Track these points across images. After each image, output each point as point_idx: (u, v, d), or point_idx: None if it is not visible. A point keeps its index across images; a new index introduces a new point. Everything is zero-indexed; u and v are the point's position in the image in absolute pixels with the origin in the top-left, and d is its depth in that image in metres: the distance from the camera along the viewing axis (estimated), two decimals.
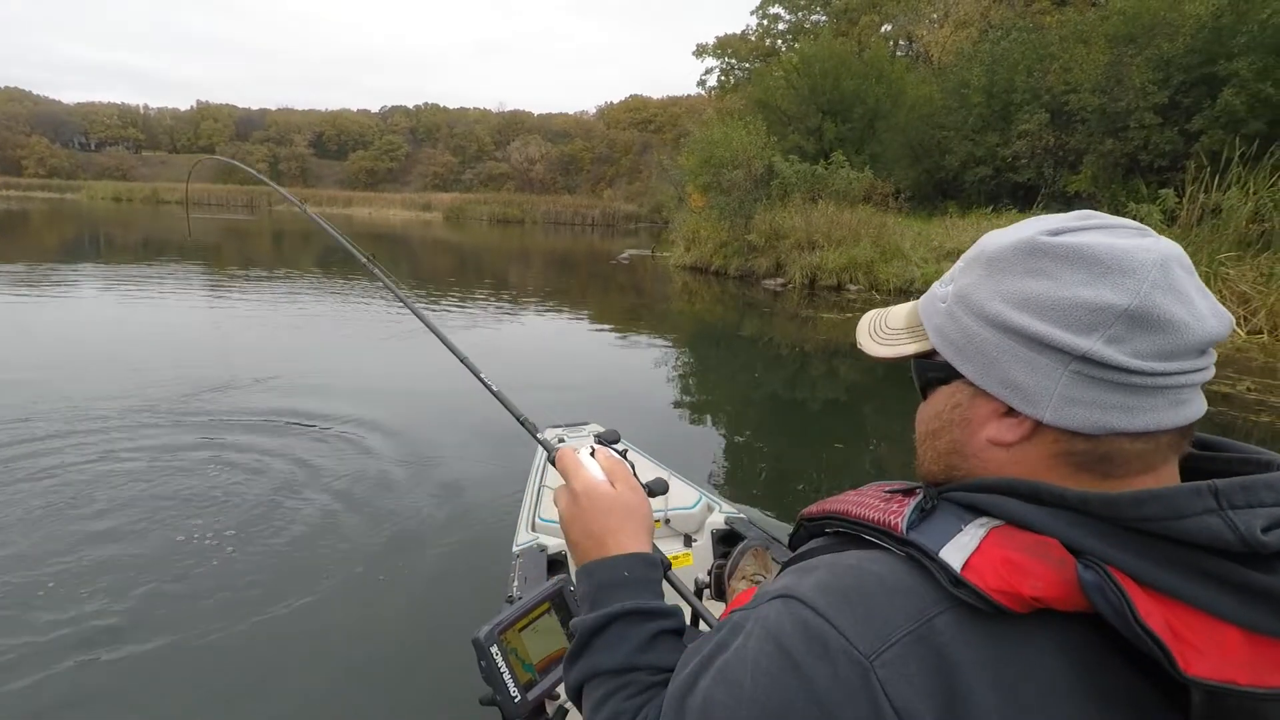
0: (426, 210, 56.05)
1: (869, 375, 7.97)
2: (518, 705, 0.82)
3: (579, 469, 0.87)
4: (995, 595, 0.53)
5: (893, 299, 12.86)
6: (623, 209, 54.68)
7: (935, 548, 0.57)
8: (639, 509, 0.84)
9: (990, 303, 0.60)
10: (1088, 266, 0.55)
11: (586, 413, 4.16)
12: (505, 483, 3.95)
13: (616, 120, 77.68)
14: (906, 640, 0.54)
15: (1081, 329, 0.55)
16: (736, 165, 15.57)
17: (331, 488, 4.01)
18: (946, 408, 0.66)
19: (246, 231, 30.79)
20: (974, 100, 18.96)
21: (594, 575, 0.78)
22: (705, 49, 38.92)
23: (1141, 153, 15.09)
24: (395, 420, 5.13)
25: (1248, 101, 13.26)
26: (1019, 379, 0.58)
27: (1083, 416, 0.56)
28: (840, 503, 0.72)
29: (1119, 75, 15.22)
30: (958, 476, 0.66)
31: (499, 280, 16.72)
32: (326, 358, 7.42)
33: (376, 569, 3.22)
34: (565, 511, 0.84)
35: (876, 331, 0.76)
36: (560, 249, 29.54)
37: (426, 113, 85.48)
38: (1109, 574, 0.51)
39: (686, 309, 13.28)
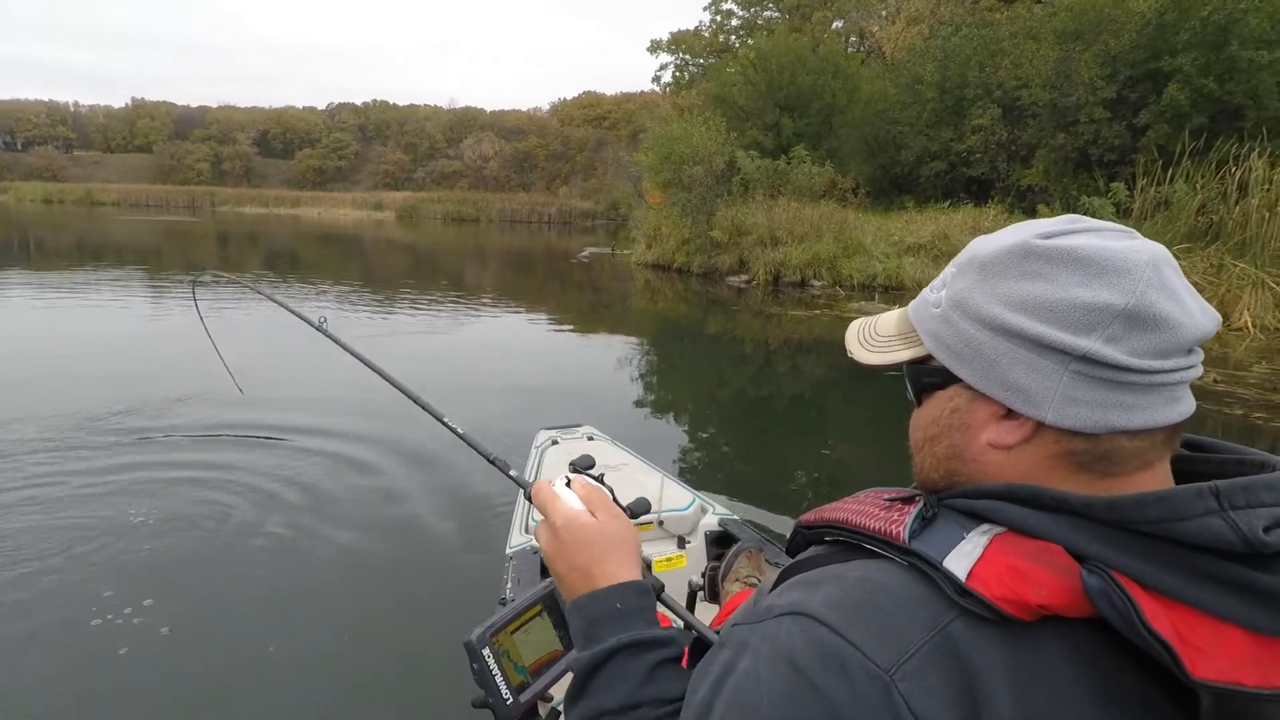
0: (378, 210, 54.78)
1: (835, 371, 7.91)
2: (510, 708, 0.80)
3: (556, 502, 0.84)
4: (1001, 604, 0.53)
5: (856, 294, 12.90)
6: (579, 206, 54.43)
7: (939, 557, 0.57)
8: (623, 536, 0.82)
9: (987, 306, 0.60)
10: (1083, 268, 0.56)
11: (555, 413, 4.22)
12: (499, 485, 3.92)
13: (570, 117, 77.03)
14: (925, 651, 0.53)
15: (1080, 329, 0.55)
16: (697, 161, 15.42)
17: (323, 494, 3.97)
18: (944, 413, 0.65)
19: (189, 233, 29.63)
20: (927, 96, 19.16)
21: (585, 611, 0.76)
22: (659, 45, 38.71)
23: (1091, 147, 15.42)
24: (383, 425, 5.02)
25: (1191, 96, 13.63)
26: (1020, 381, 0.58)
27: (1084, 416, 0.56)
28: (838, 511, 0.71)
29: (1068, 71, 15.51)
30: (959, 482, 0.65)
31: (456, 280, 16.31)
32: (295, 366, 7.03)
33: (369, 572, 3.21)
34: (547, 547, 0.82)
35: (866, 339, 0.76)
36: (517, 247, 29.10)
37: (375, 110, 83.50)
38: (1114, 579, 0.51)
39: (650, 307, 13.10)
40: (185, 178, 68.95)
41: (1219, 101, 13.55)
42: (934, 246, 13.82)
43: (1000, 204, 16.33)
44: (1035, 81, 16.13)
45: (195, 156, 72.34)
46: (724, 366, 8.35)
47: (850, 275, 13.49)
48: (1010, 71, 17.07)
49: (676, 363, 8.87)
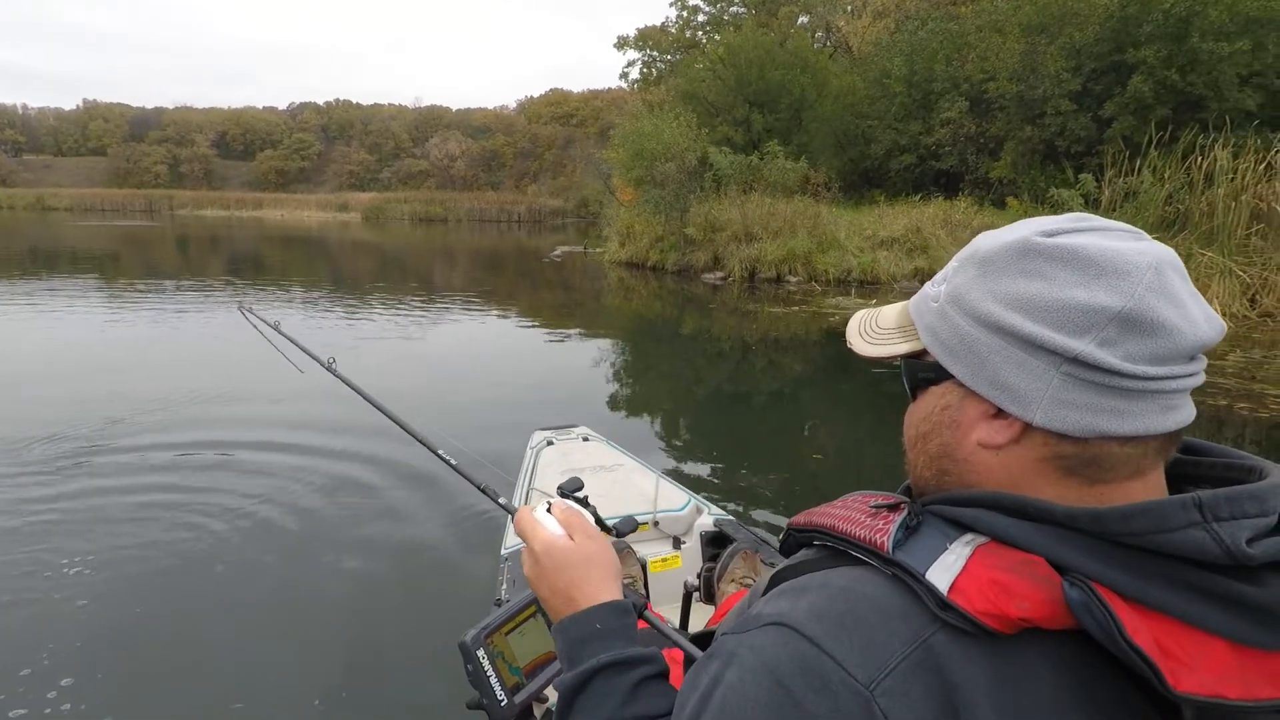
0: (344, 211, 53.78)
1: (821, 368, 7.83)
2: (504, 709, 0.80)
3: (535, 528, 0.85)
4: (982, 618, 0.53)
5: (832, 289, 12.88)
6: (548, 204, 54.05)
7: (921, 568, 0.57)
8: (600, 557, 0.83)
9: (983, 302, 0.59)
10: (1082, 268, 0.55)
11: (538, 415, 4.22)
12: (494, 486, 3.69)
13: (538, 114, 76.45)
14: (905, 666, 0.53)
15: (1074, 330, 0.55)
16: (669, 158, 15.28)
17: (316, 500, 3.94)
18: (936, 409, 0.65)
19: (146, 238, 28.78)
20: (896, 89, 19.26)
21: (567, 632, 0.77)
22: (626, 41, 38.45)
23: (1058, 139, 15.58)
24: (375, 432, 4.83)
25: (1154, 88, 13.83)
26: (1010, 380, 0.58)
27: (1073, 419, 0.56)
28: (826, 516, 0.70)
29: (1034, 63, 15.65)
30: (948, 481, 0.65)
31: (427, 282, 15.98)
32: (276, 373, 6.77)
33: (364, 575, 3.20)
34: (529, 573, 0.83)
35: (867, 331, 0.75)
36: (487, 247, 28.72)
37: (338, 109, 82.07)
38: (1095, 591, 0.51)
39: (626, 306, 12.94)
40: (142, 181, 67.14)
41: (1181, 93, 13.77)
42: (907, 240, 13.85)
43: (970, 196, 16.45)
44: (1002, 74, 16.25)
45: (152, 159, 70.49)
46: (707, 365, 8.22)
47: (825, 270, 13.46)
48: (977, 65, 17.20)
49: (658, 362, 8.73)
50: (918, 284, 13.10)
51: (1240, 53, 13.20)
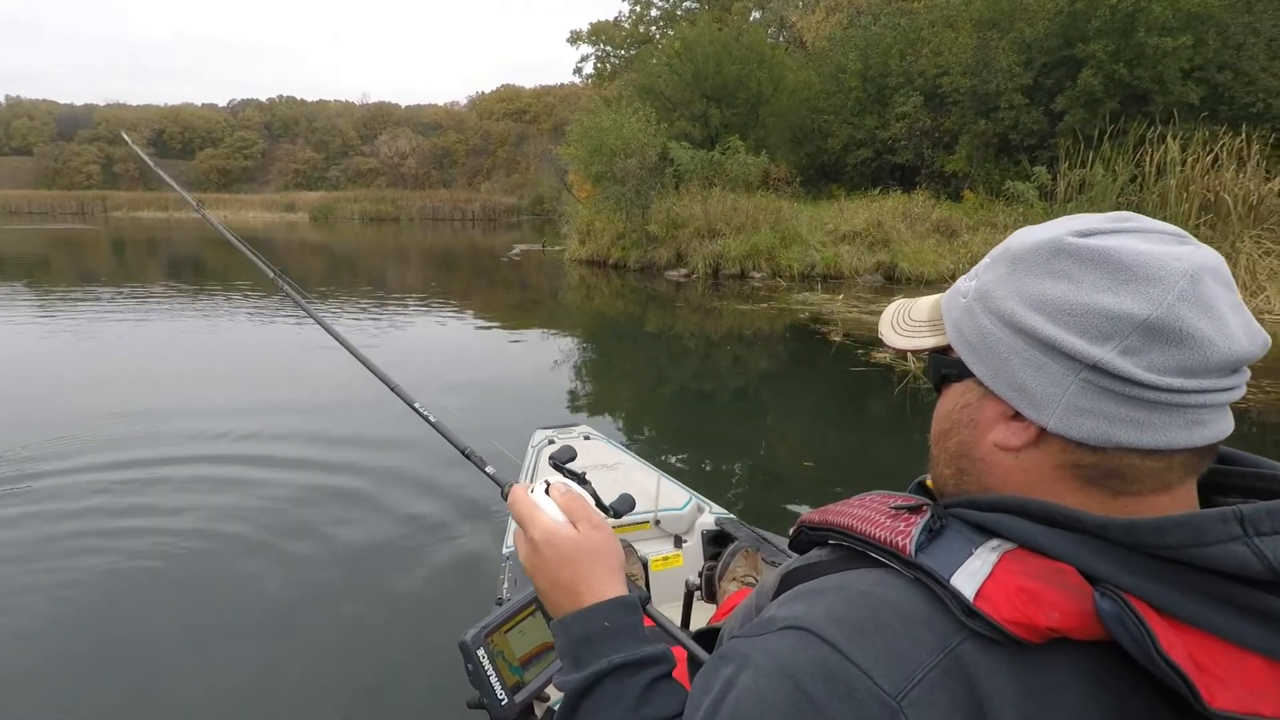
0: (290, 211, 52.16)
1: (789, 363, 7.71)
2: (505, 708, 0.79)
3: (534, 513, 0.79)
4: (1010, 626, 0.51)
5: (797, 285, 12.82)
6: (503, 202, 53.50)
7: (946, 573, 0.55)
8: (606, 548, 0.78)
9: (1007, 301, 0.58)
10: (1111, 272, 0.53)
11: (509, 416, 4.28)
12: (494, 485, 3.58)
13: (490, 111, 75.37)
14: (933, 675, 0.52)
15: (1096, 337, 0.53)
16: (629, 153, 15.05)
17: (316, 499, 3.92)
18: (956, 407, 0.64)
19: (79, 241, 27.41)
20: (851, 84, 19.36)
21: (572, 630, 0.73)
22: (579, 36, 38.13)
23: (1012, 132, 15.81)
24: (375, 429, 4.93)
25: (1104, 82, 14.10)
26: (1027, 382, 0.57)
27: (1088, 427, 0.55)
28: (843, 515, 0.69)
29: (986, 58, 15.85)
30: (967, 482, 0.64)
31: (380, 283, 15.47)
32: (255, 377, 6.81)
33: (364, 573, 3.20)
34: (526, 561, 0.78)
35: (899, 322, 0.74)
36: (442, 246, 28.11)
37: (282, 106, 79.61)
38: (1128, 603, 0.50)
39: (590, 305, 12.68)
40: (73, 181, 64.05)
41: (1129, 86, 14.07)
42: (869, 234, 13.88)
43: (927, 190, 16.61)
44: (955, 69, 16.43)
45: (83, 159, 67.28)
46: (685, 364, 8.04)
47: (789, 265, 13.40)
48: (931, 59, 17.36)
49: (623, 360, 8.50)
50: (880, 277, 13.15)
51: (1183, 47, 13.55)
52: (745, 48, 20.22)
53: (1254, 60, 13.98)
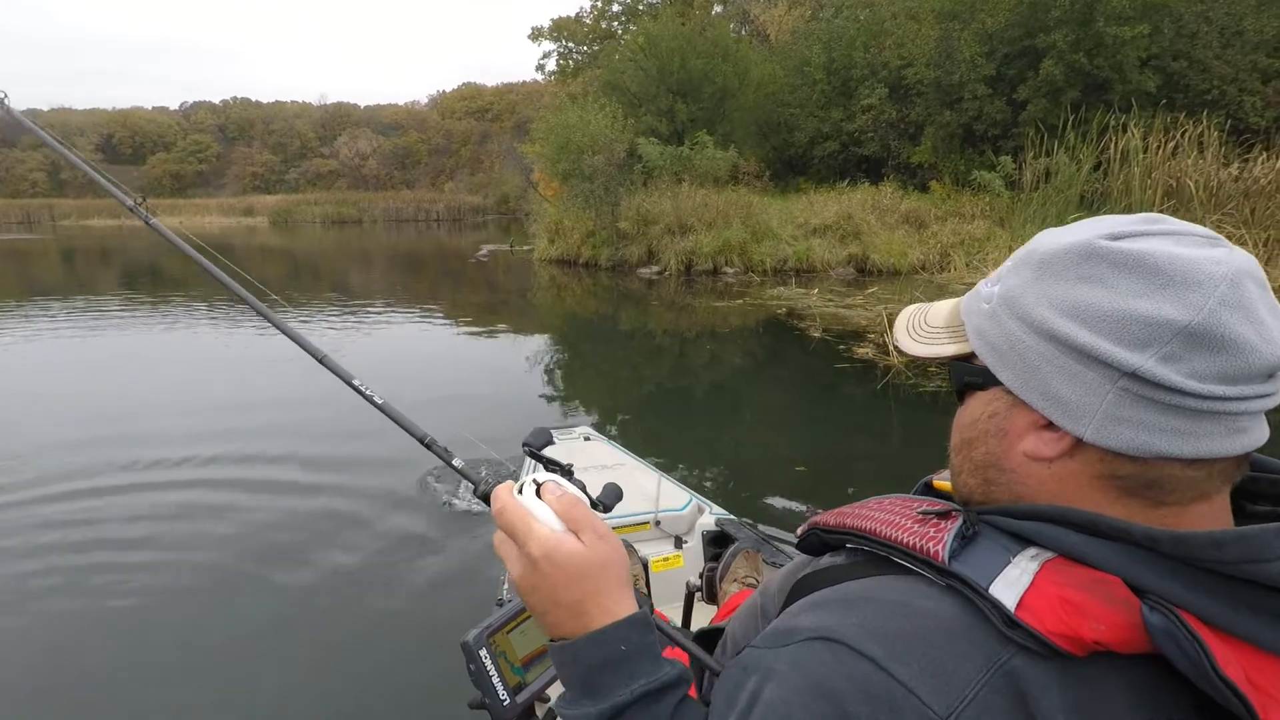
0: (249, 215, 50.95)
1: (758, 360, 7.63)
2: (507, 709, 0.79)
3: (530, 523, 0.66)
4: (1054, 638, 0.50)
5: (770, 280, 12.76)
6: (468, 202, 52.86)
7: (984, 582, 0.53)
8: (615, 561, 0.68)
9: (1037, 308, 0.56)
10: (1148, 276, 0.51)
11: (490, 421, 4.31)
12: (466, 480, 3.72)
13: (451, 110, 74.38)
14: (984, 695, 0.50)
15: (1134, 344, 0.51)
16: (597, 150, 14.86)
17: (316, 504, 3.93)
18: (983, 416, 0.62)
19: (27, 253, 26.40)
20: (816, 77, 19.36)
21: (583, 657, 0.64)
22: (540, 32, 37.72)
23: (976, 123, 15.94)
24: (372, 433, 4.75)
25: (1065, 71, 14.27)
26: (1061, 392, 0.55)
27: (1127, 437, 0.53)
28: (865, 519, 0.67)
29: (949, 49, 15.95)
30: (995, 493, 0.62)
31: (344, 287, 15.10)
32: (222, 391, 6.63)
33: (365, 575, 3.20)
34: (521, 580, 0.67)
35: (915, 329, 0.71)
36: (407, 248, 27.64)
37: (236, 108, 77.63)
38: (1180, 618, 0.48)
39: (561, 305, 12.49)
40: (17, 190, 61.69)
41: (1089, 76, 14.25)
42: (839, 226, 13.88)
43: (894, 181, 16.68)
44: (919, 60, 16.50)
45: (28, 166, 64.79)
46: (665, 362, 7.91)
47: (762, 260, 13.36)
48: (894, 51, 17.43)
49: (610, 361, 8.35)
50: (853, 270, 13.16)
51: (1140, 36, 13.76)
52: (710, 42, 20.14)
53: (1207, 48, 14.26)
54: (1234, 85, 13.93)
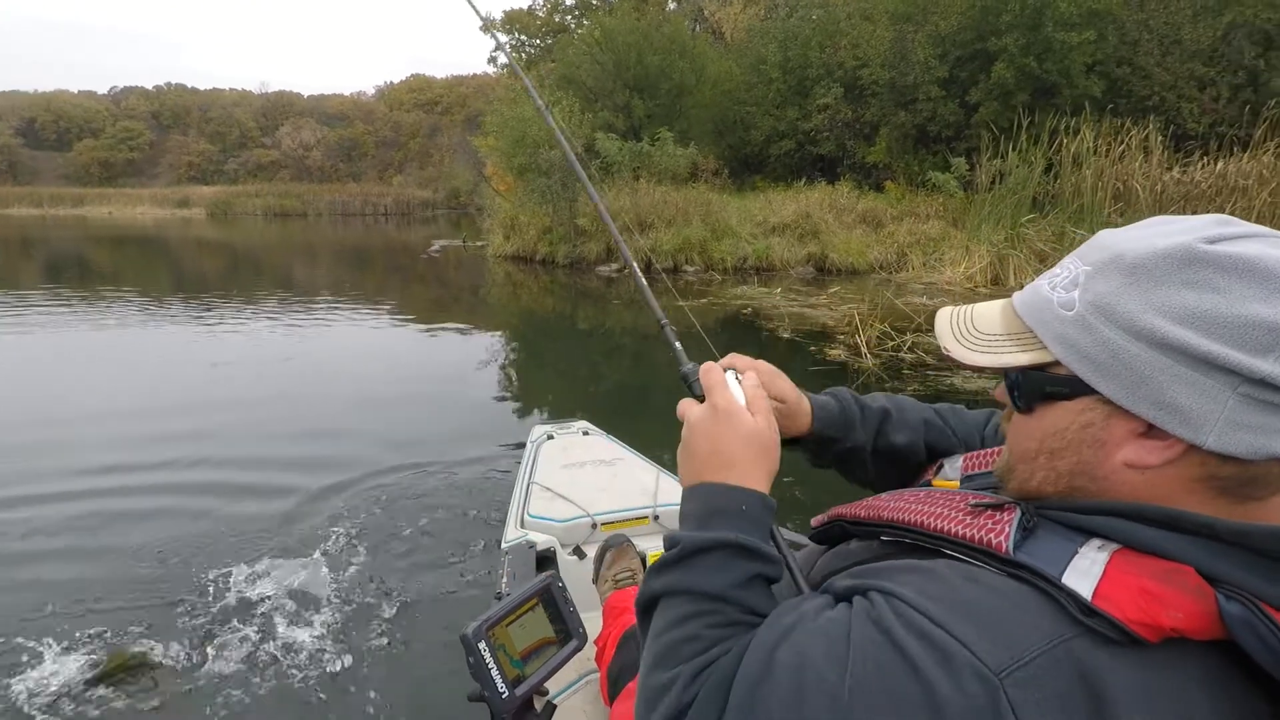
0: (184, 206, 48.74)
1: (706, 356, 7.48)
2: (505, 701, 0.80)
3: (725, 388, 0.81)
4: (1133, 626, 0.51)
5: (730, 278, 12.68)
6: (417, 195, 51.82)
7: (1054, 572, 0.54)
8: (773, 446, 0.80)
9: (1145, 315, 0.55)
10: (1260, 281, 0.52)
11: (442, 418, 4.42)
12: (493, 479, 4.07)
13: (399, 101, 72.71)
14: (1042, 661, 0.51)
15: (1257, 349, 0.51)
16: (554, 144, 14.54)
17: (309, 495, 3.92)
18: (1072, 427, 0.60)
19: None
20: (772, 76, 19.38)
21: (710, 499, 0.75)
22: (493, 24, 37.06)
23: (930, 124, 16.14)
24: (372, 425, 5.03)
25: (1015, 75, 14.53)
26: (1179, 400, 0.54)
27: (1247, 442, 0.53)
28: (901, 510, 0.68)
29: (903, 51, 16.11)
30: (1079, 496, 0.61)
31: (289, 282, 14.46)
32: (227, 379, 6.59)
33: (364, 568, 3.20)
34: (698, 423, 0.79)
35: (965, 335, 0.69)
36: (355, 243, 26.79)
37: (171, 94, 74.37)
38: (1259, 607, 0.50)
39: (517, 303, 12.16)
40: None
41: (1038, 79, 14.55)
42: (798, 225, 13.89)
43: (849, 181, 16.80)
44: (874, 61, 16.64)
45: None
46: (629, 362, 7.71)
47: (722, 259, 13.27)
48: (850, 52, 17.54)
49: (568, 360, 8.11)
50: (812, 269, 13.16)
51: (1086, 42, 14.10)
52: (666, 38, 19.98)
53: (1149, 56, 14.71)
54: (1173, 92, 14.40)
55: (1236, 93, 14.36)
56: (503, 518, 2.51)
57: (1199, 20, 14.63)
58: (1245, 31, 14.31)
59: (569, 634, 0.88)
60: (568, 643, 0.86)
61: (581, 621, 0.92)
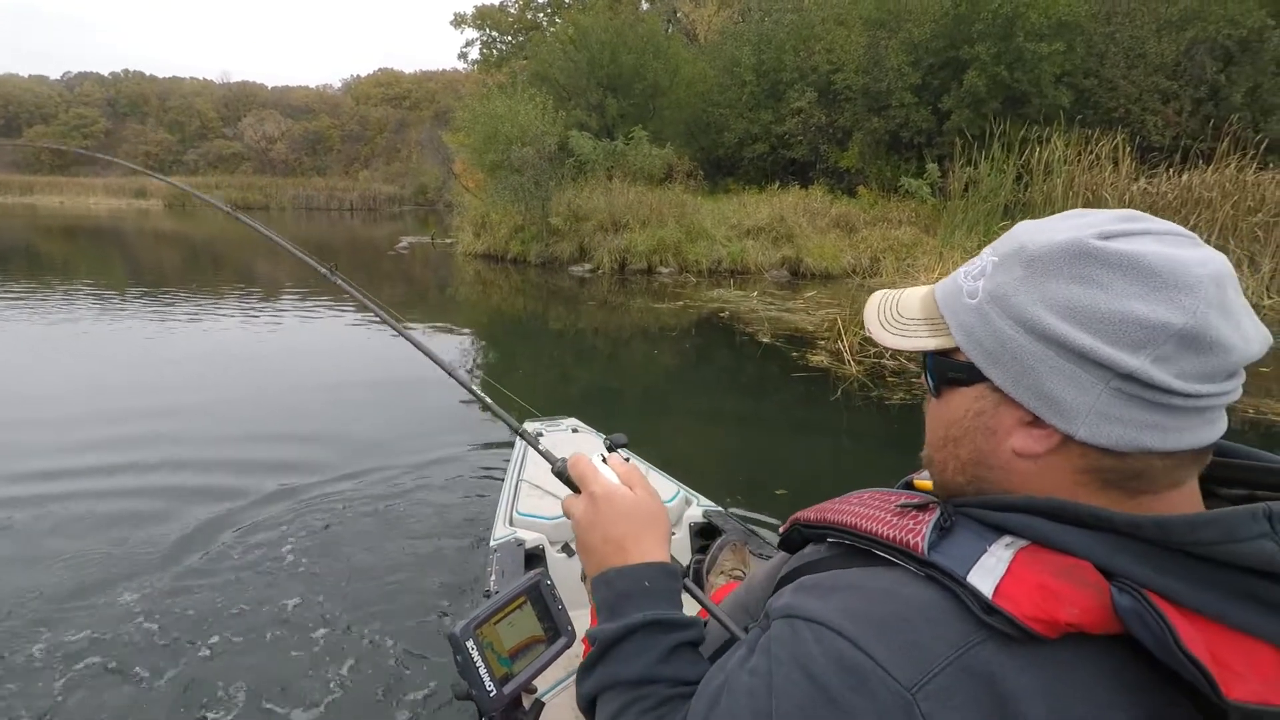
0: (141, 197, 47.23)
1: (714, 367, 7.39)
2: (493, 699, 0.80)
3: (596, 474, 0.85)
4: (1030, 623, 0.52)
5: (706, 280, 12.58)
6: (384, 191, 51.03)
7: (961, 571, 0.56)
8: (659, 515, 0.82)
9: (1032, 307, 0.56)
10: (1143, 279, 0.53)
11: (410, 418, 4.42)
12: (481, 479, 4.05)
13: (366, 95, 71.52)
14: (950, 670, 0.52)
15: (1130, 346, 0.53)
16: (527, 141, 14.31)
17: (296, 489, 3.88)
18: (968, 414, 0.62)
19: None
20: (746, 78, 19.35)
21: (614, 584, 0.77)
22: (464, 19, 36.61)
23: (902, 130, 16.24)
24: (359, 425, 5.00)
25: (987, 83, 14.68)
26: (1055, 391, 0.56)
27: (1116, 434, 0.55)
28: (843, 514, 0.70)
29: (877, 57, 16.19)
30: (986, 489, 0.63)
31: (251, 277, 13.99)
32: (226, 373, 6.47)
33: (352, 566, 3.17)
34: (583, 517, 0.82)
35: (888, 318, 0.70)
36: (319, 237, 26.14)
37: (128, 81, 72.06)
38: (1147, 599, 0.51)
39: (487, 302, 11.90)
40: None
41: (1009, 88, 14.72)
42: (772, 229, 13.84)
43: (822, 185, 16.83)
44: (849, 66, 16.69)
45: None
46: (594, 364, 7.53)
47: (697, 261, 13.16)
48: (824, 56, 17.57)
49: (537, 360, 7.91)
50: (787, 273, 13.12)
51: (1056, 53, 14.31)
52: (641, 37, 19.85)
53: (1115, 68, 14.98)
54: (1138, 104, 14.68)
55: (1198, 106, 14.70)
56: (491, 515, 2.52)
57: (1163, 35, 14.95)
58: (1207, 47, 14.67)
59: (557, 632, 0.87)
60: (556, 640, 0.86)
61: (570, 619, 0.91)
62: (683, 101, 20.22)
